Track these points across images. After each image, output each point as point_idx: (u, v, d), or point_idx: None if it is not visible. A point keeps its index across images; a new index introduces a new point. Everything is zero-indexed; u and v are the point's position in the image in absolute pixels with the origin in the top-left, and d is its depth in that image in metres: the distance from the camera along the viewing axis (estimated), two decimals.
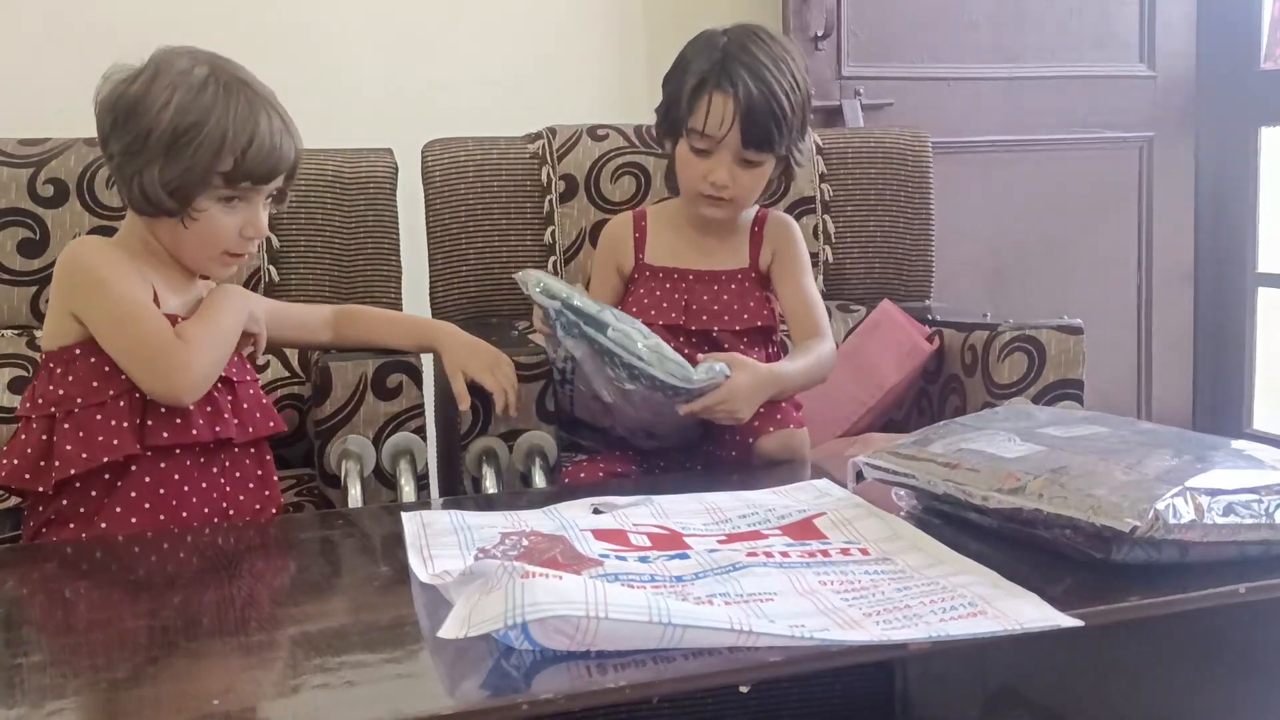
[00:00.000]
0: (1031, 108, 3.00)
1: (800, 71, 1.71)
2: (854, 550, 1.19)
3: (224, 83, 1.46)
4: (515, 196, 2.16)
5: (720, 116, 1.66)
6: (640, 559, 1.15)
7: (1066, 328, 1.89)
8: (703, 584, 1.08)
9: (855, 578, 1.11)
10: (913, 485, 1.29)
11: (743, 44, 1.69)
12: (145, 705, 0.93)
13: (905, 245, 2.29)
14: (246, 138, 1.44)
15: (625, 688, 0.90)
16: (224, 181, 1.45)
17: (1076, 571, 1.11)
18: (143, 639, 1.06)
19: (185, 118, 1.42)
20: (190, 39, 2.46)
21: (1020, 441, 1.27)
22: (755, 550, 1.17)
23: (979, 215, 2.97)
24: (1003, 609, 1.01)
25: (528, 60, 2.72)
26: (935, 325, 2.09)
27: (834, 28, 2.78)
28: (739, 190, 1.71)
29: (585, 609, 0.90)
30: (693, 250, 1.80)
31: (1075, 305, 2.79)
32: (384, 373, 1.68)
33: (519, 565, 0.95)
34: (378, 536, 1.38)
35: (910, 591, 1.07)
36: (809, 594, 1.06)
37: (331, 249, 2.07)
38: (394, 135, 2.20)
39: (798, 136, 1.72)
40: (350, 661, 0.97)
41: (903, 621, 0.99)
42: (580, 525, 1.26)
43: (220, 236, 1.48)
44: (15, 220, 1.94)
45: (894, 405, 2.01)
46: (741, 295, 1.78)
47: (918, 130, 2.35)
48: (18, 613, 1.19)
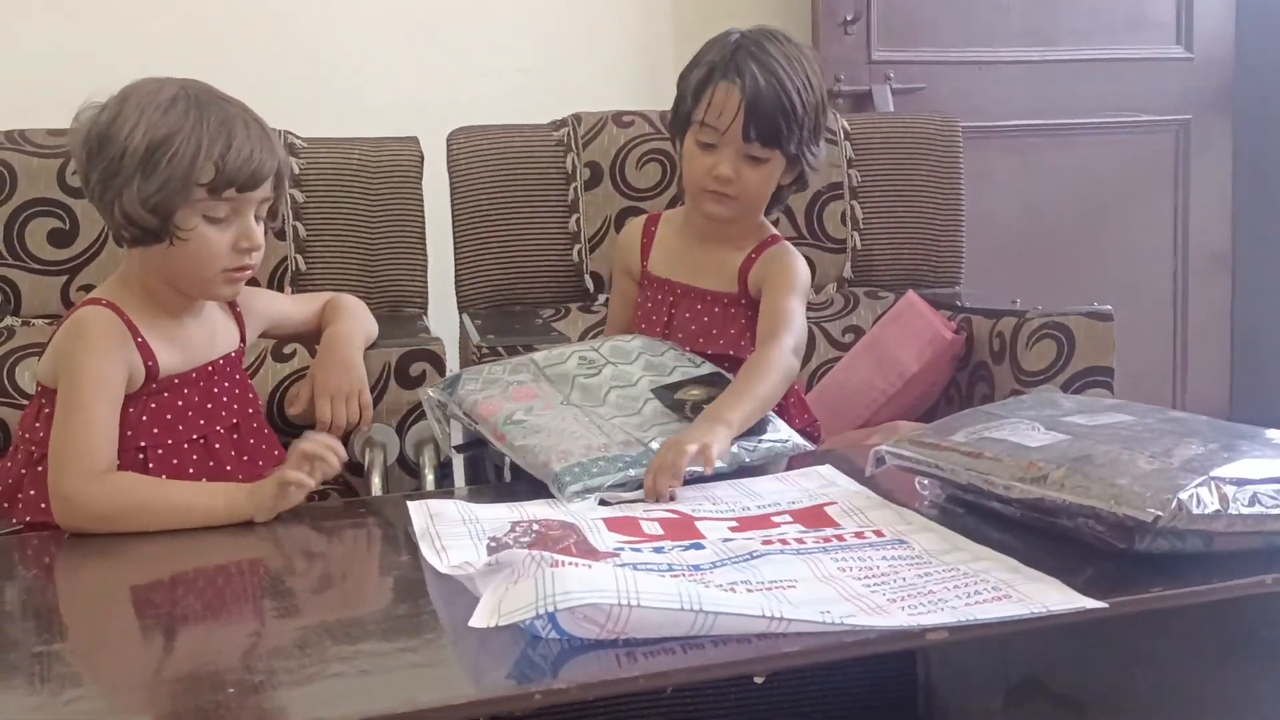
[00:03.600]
0: (1065, 91, 2.96)
1: (816, 75, 1.68)
2: (868, 534, 1.18)
3: (193, 96, 1.43)
4: (540, 184, 2.15)
5: (724, 106, 1.63)
6: (655, 549, 1.14)
7: (1096, 314, 1.86)
8: (722, 572, 1.07)
9: (873, 564, 1.10)
10: (935, 474, 1.28)
11: (757, 41, 1.67)
12: (159, 692, 0.93)
13: (934, 231, 2.27)
14: (223, 144, 1.40)
15: (639, 677, 0.89)
16: (207, 193, 1.40)
17: (1099, 561, 1.10)
18: (159, 626, 1.07)
19: (157, 132, 1.39)
20: (214, 31, 2.50)
21: (1044, 430, 1.25)
22: (770, 538, 1.16)
23: (1011, 200, 2.94)
24: (1027, 593, 1.01)
25: (555, 48, 2.71)
26: (962, 312, 2.08)
27: (863, 12, 2.75)
28: (743, 187, 1.66)
29: (617, 597, 0.90)
30: (687, 264, 1.76)
31: (1109, 291, 2.75)
32: (407, 361, 1.69)
33: (548, 555, 0.95)
34: (401, 526, 1.38)
35: (932, 577, 1.06)
36: (829, 580, 1.06)
37: (357, 238, 2.07)
38: (420, 124, 2.20)
39: (810, 139, 1.67)
40: (366, 650, 0.98)
41: (929, 607, 0.99)
42: (590, 515, 1.24)
43: (214, 254, 1.43)
44: (45, 210, 1.95)
45: (917, 395, 1.99)
46: (723, 320, 1.73)
47: (947, 115, 2.32)
48: (36, 599, 1.21)
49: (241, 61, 2.49)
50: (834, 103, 2.67)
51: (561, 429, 1.44)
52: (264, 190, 1.45)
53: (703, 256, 1.75)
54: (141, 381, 1.45)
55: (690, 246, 1.77)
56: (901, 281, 2.24)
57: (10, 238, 1.95)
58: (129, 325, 1.44)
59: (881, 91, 2.77)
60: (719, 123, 1.63)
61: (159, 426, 1.46)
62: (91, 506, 1.34)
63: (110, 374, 1.41)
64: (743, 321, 1.72)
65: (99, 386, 1.40)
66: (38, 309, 1.96)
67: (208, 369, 1.53)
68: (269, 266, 2.02)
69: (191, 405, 1.50)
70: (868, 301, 2.22)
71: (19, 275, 1.95)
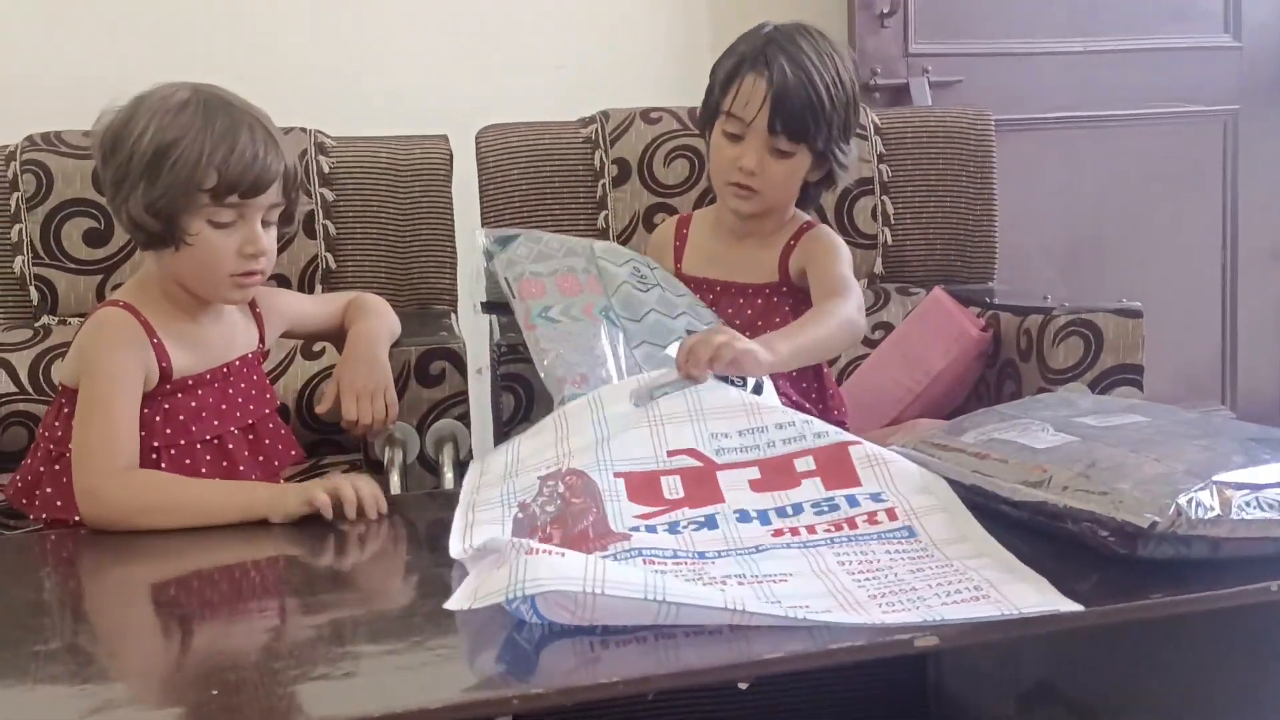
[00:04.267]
0: (1108, 82, 2.91)
1: (848, 73, 1.67)
2: (880, 513, 1.17)
3: (203, 101, 1.43)
4: (569, 181, 2.16)
5: (750, 97, 1.63)
6: (669, 528, 1.16)
7: (1125, 311, 1.83)
8: (724, 563, 1.09)
9: (875, 558, 1.10)
10: (942, 475, 1.26)
11: (789, 34, 1.67)
12: (161, 688, 0.95)
13: (966, 227, 2.24)
14: (226, 149, 1.40)
15: (619, 683, 0.90)
16: (211, 199, 1.41)
17: (1105, 567, 1.08)
18: (161, 623, 1.09)
19: (164, 136, 1.40)
20: (247, 31, 2.52)
21: (1053, 432, 1.24)
22: (781, 528, 1.16)
23: (1053, 195, 2.89)
24: (1006, 594, 1.00)
25: (585, 45, 2.71)
26: (990, 309, 2.05)
27: (900, 4, 2.72)
28: (766, 181, 1.66)
29: (582, 585, 0.93)
30: (724, 261, 1.77)
31: (1155, 287, 2.72)
32: (427, 360, 1.70)
33: (526, 543, 0.99)
34: (421, 524, 1.39)
35: (923, 573, 1.06)
36: (824, 575, 1.06)
37: (387, 235, 2.09)
38: (449, 121, 2.21)
39: (839, 136, 1.66)
40: (353, 652, 0.99)
41: (905, 604, 0.99)
42: (616, 464, 1.24)
43: (219, 259, 1.44)
44: (80, 210, 1.99)
45: (944, 393, 1.97)
46: (765, 310, 1.73)
47: (980, 108, 2.29)
48: (55, 594, 1.23)
49: (272, 60, 2.52)
50: (870, 97, 2.65)
51: (589, 347, 1.48)
52: (270, 196, 1.45)
53: (739, 251, 1.75)
54: (156, 382, 1.47)
55: (726, 243, 1.77)
56: (933, 277, 2.21)
57: (47, 238, 1.99)
58: (145, 326, 1.46)
59: (919, 85, 2.74)
60: (745, 113, 1.63)
61: (172, 427, 1.47)
62: (115, 501, 1.36)
63: (128, 372, 1.43)
64: (786, 309, 1.72)
65: (118, 384, 1.42)
66: (74, 308, 2.01)
67: (223, 370, 1.54)
68: (299, 265, 2.05)
69: (206, 406, 1.50)
70: (898, 298, 2.20)
71: (55, 274, 2.00)
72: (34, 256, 1.99)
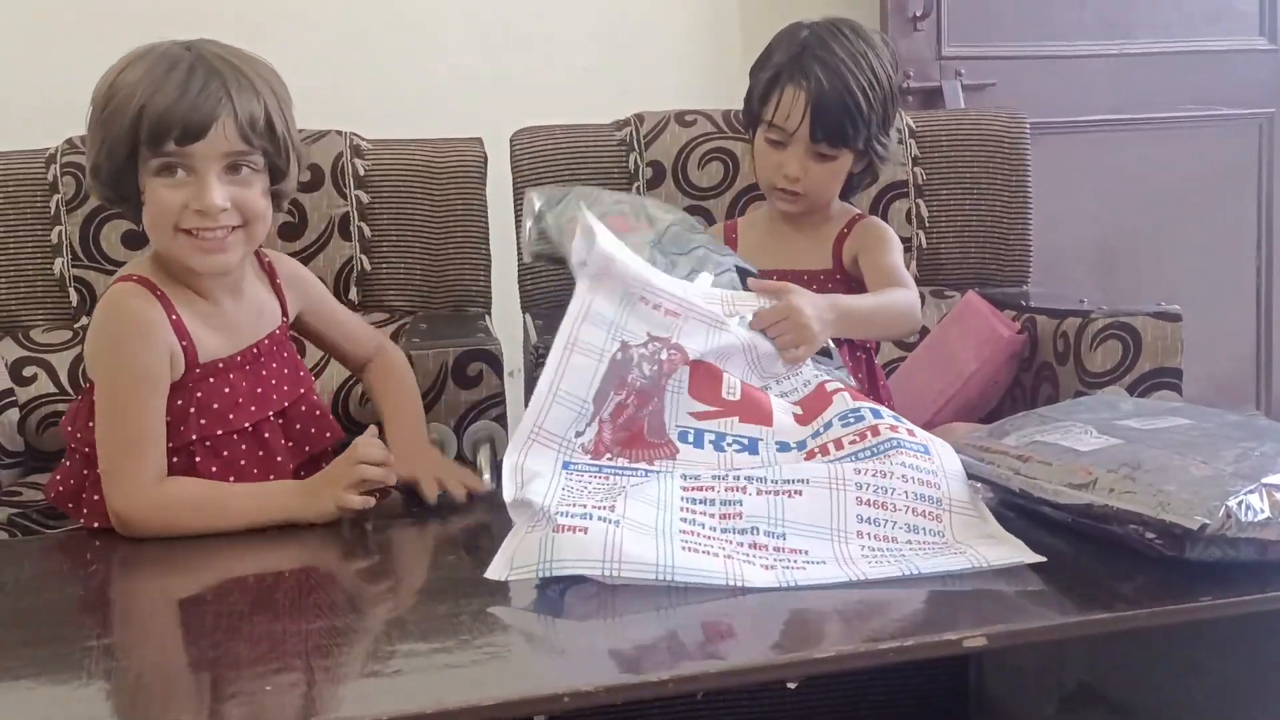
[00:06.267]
0: (1142, 85, 2.89)
1: (884, 67, 1.72)
2: (902, 430, 1.25)
3: (163, 51, 1.33)
4: (603, 183, 2.15)
5: (789, 109, 1.68)
6: (715, 441, 1.27)
7: (1163, 314, 1.82)
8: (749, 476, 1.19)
9: (890, 485, 1.17)
10: (985, 478, 1.26)
11: (823, 39, 1.71)
12: (214, 685, 0.95)
13: (1001, 230, 2.23)
14: (154, 90, 1.29)
15: (668, 681, 0.90)
16: (149, 149, 1.30)
17: (1151, 569, 1.08)
18: (211, 622, 1.09)
19: (108, 85, 1.32)
20: (282, 34, 2.54)
21: (1096, 434, 1.23)
22: (814, 449, 1.26)
23: (1087, 198, 2.88)
24: (980, 549, 1.11)
25: (620, 48, 2.71)
26: (1026, 311, 2.04)
27: (933, 7, 2.71)
28: (811, 184, 1.72)
29: (601, 569, 1.06)
30: (778, 250, 1.81)
31: (1189, 290, 2.69)
32: (464, 361, 1.71)
33: (555, 518, 1.10)
34: (456, 526, 1.39)
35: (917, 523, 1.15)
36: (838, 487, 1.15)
37: (421, 238, 2.10)
38: (484, 124, 2.22)
39: (878, 131, 1.72)
40: (402, 651, 0.99)
41: (889, 559, 1.11)
42: (693, 349, 1.34)
43: (163, 211, 1.32)
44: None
45: (978, 395, 1.96)
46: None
47: (1014, 111, 2.28)
48: (92, 595, 1.24)
49: (308, 64, 2.50)
50: (903, 100, 2.64)
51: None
52: (218, 142, 1.31)
53: (792, 240, 1.81)
54: (183, 368, 1.37)
55: (778, 233, 1.82)
56: (967, 281, 2.21)
57: (86, 240, 2.00)
58: (163, 301, 1.36)
59: (952, 88, 2.74)
60: (787, 124, 1.70)
61: (207, 418, 1.39)
62: (147, 523, 1.32)
63: (150, 368, 1.34)
64: (841, 294, 1.75)
65: (137, 383, 1.34)
66: None
67: (253, 351, 1.45)
68: (335, 267, 2.06)
69: (241, 392, 1.42)
70: (933, 301, 2.19)
71: (94, 276, 2.01)
72: (73, 258, 2.01)
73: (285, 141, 1.38)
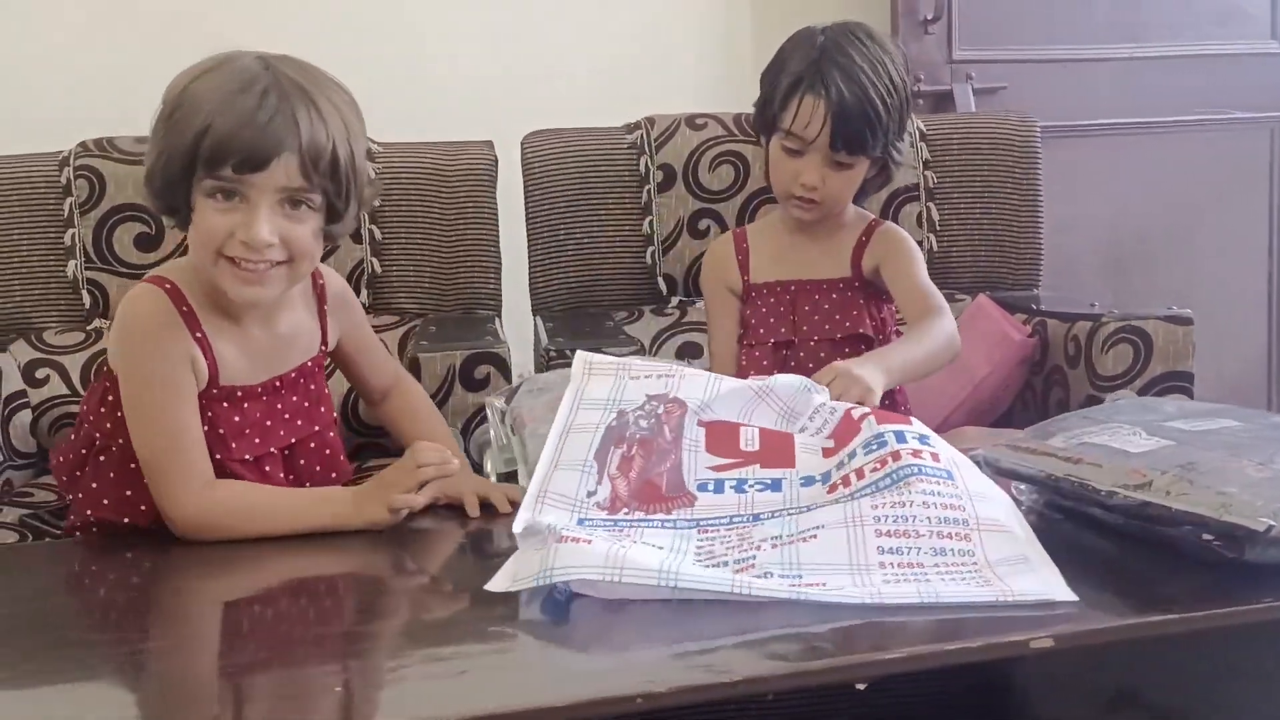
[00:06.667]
0: (1152, 89, 2.89)
1: (899, 72, 1.69)
2: (925, 454, 1.18)
3: (245, 66, 1.29)
4: (614, 187, 2.16)
5: (809, 118, 1.65)
6: (736, 485, 1.23)
7: (1175, 318, 1.82)
8: (771, 524, 1.15)
9: (909, 512, 1.11)
10: (1033, 478, 1.25)
11: (839, 44, 1.68)
12: (281, 685, 0.95)
13: (1012, 233, 2.23)
14: (222, 112, 1.25)
15: (740, 682, 0.90)
16: (205, 169, 1.26)
17: (1205, 571, 1.06)
18: (272, 626, 1.09)
19: (179, 93, 1.28)
20: (293, 36, 2.52)
21: (1145, 436, 1.22)
22: (836, 481, 1.20)
23: (1097, 201, 2.87)
24: (1007, 579, 1.04)
25: (631, 51, 2.72)
26: (1037, 315, 2.04)
27: (944, 10, 2.71)
28: (828, 192, 1.70)
29: (602, 574, 1.03)
30: (793, 259, 1.79)
31: (1200, 293, 2.69)
32: (471, 364, 1.71)
33: (558, 529, 1.09)
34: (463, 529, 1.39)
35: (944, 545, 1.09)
36: (853, 525, 1.11)
37: (431, 241, 2.10)
38: (494, 127, 2.22)
39: (894, 137, 1.70)
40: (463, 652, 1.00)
41: (909, 577, 1.05)
42: (713, 408, 1.31)
43: (209, 235, 1.28)
44: (132, 215, 2.02)
45: (989, 399, 1.96)
46: (843, 304, 1.77)
47: (1025, 115, 2.28)
48: (135, 599, 1.24)
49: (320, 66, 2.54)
50: (914, 104, 2.64)
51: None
52: (277, 176, 1.27)
53: (808, 249, 1.79)
54: (206, 381, 1.34)
55: (792, 242, 1.80)
56: (978, 284, 2.21)
57: (99, 242, 2.01)
58: (189, 314, 1.33)
59: (963, 91, 2.74)
60: (806, 133, 1.66)
61: (210, 440, 1.34)
62: (199, 525, 1.29)
63: (176, 373, 1.31)
64: (860, 301, 1.77)
65: (167, 388, 1.31)
66: None
67: (275, 383, 1.41)
68: (345, 269, 2.06)
69: (251, 421, 1.38)
70: None
71: (107, 278, 2.02)
72: (86, 261, 2.01)
73: (348, 180, 1.32)
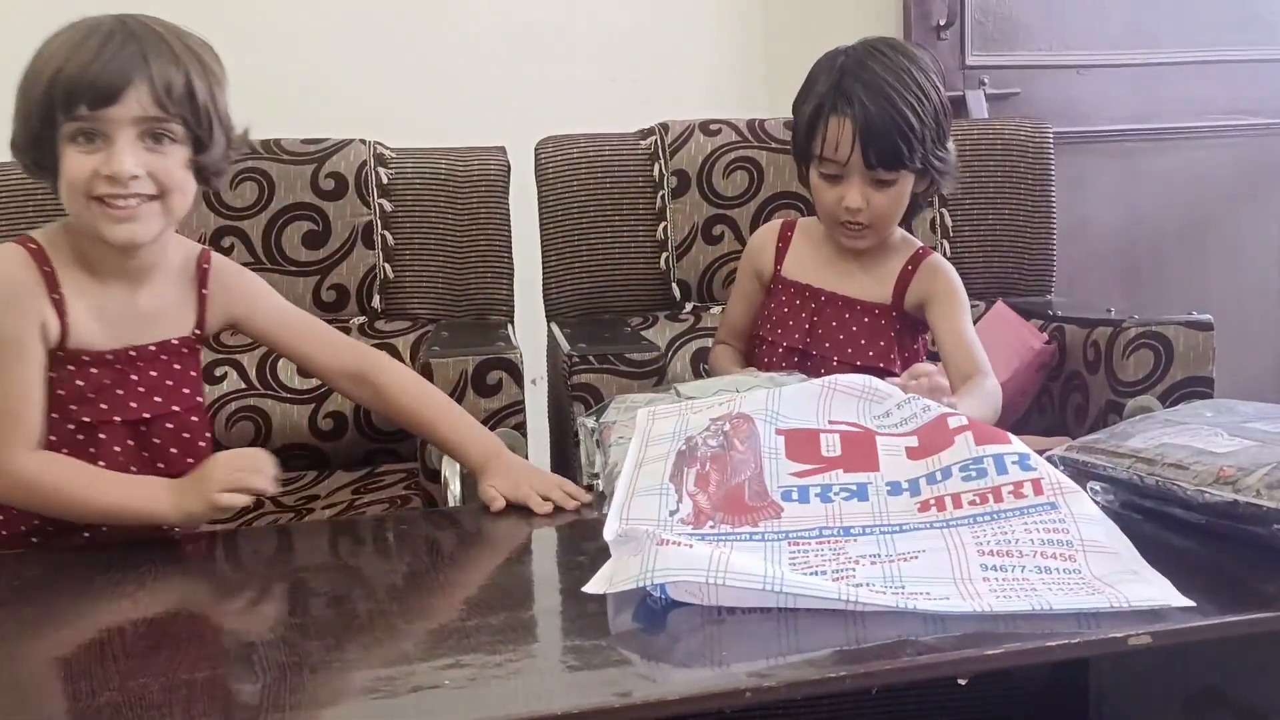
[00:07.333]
0: (1169, 94, 2.88)
1: (930, 81, 1.64)
2: (1027, 485, 1.15)
3: (91, 22, 1.30)
4: (628, 193, 2.16)
5: (838, 140, 1.61)
6: (821, 493, 1.20)
7: (1195, 323, 1.81)
8: (865, 542, 1.13)
9: (1013, 538, 1.09)
10: (1113, 478, 1.24)
11: (861, 61, 1.63)
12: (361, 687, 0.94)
13: (1025, 239, 2.22)
14: (70, 54, 1.26)
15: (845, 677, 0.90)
16: (63, 113, 1.26)
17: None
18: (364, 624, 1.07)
19: (36, 54, 1.29)
20: (309, 41, 2.55)
21: (1228, 436, 1.22)
22: (929, 500, 1.17)
23: (1112, 207, 2.87)
24: (1121, 588, 1.01)
25: (643, 56, 2.71)
26: (1055, 321, 2.03)
27: (956, 16, 2.71)
28: (875, 214, 1.65)
29: (706, 576, 1.00)
30: (830, 269, 1.74)
31: (1215, 300, 2.68)
32: (484, 369, 1.70)
33: (658, 533, 1.07)
34: (482, 532, 1.39)
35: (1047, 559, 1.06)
36: (955, 549, 1.09)
37: (444, 246, 2.10)
38: (508, 133, 2.22)
39: (934, 146, 1.63)
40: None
41: (1018, 590, 1.02)
42: (781, 420, 1.29)
43: (75, 178, 1.28)
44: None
45: (1008, 405, 1.94)
46: (872, 330, 1.71)
47: (1038, 121, 2.27)
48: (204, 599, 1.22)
49: (332, 73, 2.54)
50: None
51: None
52: (130, 107, 1.27)
53: (848, 265, 1.74)
54: (56, 341, 1.32)
55: (835, 254, 1.75)
56: (992, 290, 2.20)
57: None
58: (49, 275, 1.32)
59: (976, 97, 2.73)
60: (838, 156, 1.62)
61: (76, 402, 1.34)
62: (11, 491, 1.30)
63: (22, 335, 1.30)
64: (891, 334, 1.70)
65: (14, 351, 1.30)
66: None
67: (130, 353, 1.37)
68: (358, 275, 2.06)
69: (98, 387, 1.35)
70: None
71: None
72: None
73: (208, 112, 1.32)
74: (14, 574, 1.23)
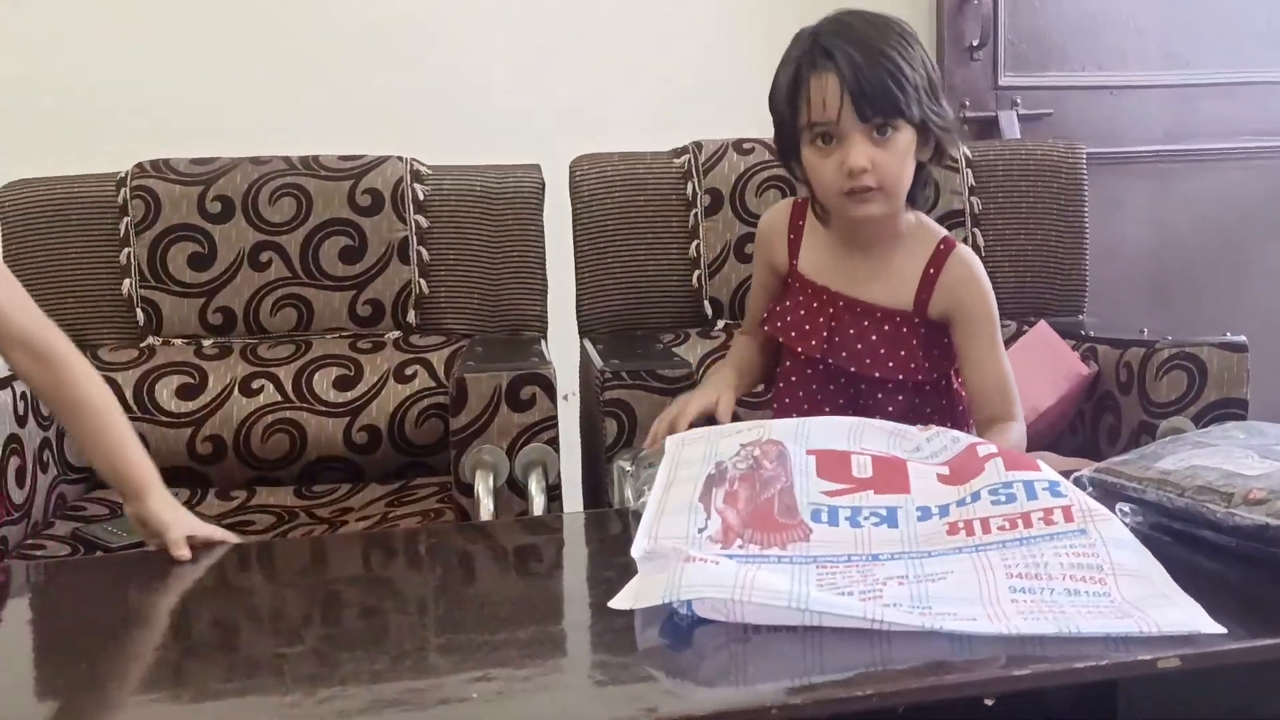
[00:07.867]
0: (1202, 115, 2.87)
1: (910, 34, 1.50)
2: (1057, 511, 1.14)
3: None
4: (661, 211, 2.17)
5: (824, 96, 1.46)
6: (851, 517, 1.19)
7: (1229, 345, 1.80)
8: (893, 565, 1.12)
9: (1042, 561, 1.09)
10: (1143, 499, 1.23)
11: (835, 20, 1.51)
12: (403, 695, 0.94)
13: (1058, 259, 2.22)
14: None
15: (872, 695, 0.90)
16: None
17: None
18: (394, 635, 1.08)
19: None
20: (346, 59, 2.58)
21: (1259, 459, 1.21)
22: (957, 522, 1.17)
23: (1144, 228, 2.86)
24: (1150, 611, 1.00)
25: (679, 74, 2.73)
26: (1089, 341, 2.02)
27: (990, 36, 2.71)
28: (881, 174, 1.48)
29: (731, 592, 1.00)
30: (844, 271, 1.59)
31: (1247, 321, 2.65)
32: (518, 385, 1.71)
33: (685, 550, 1.07)
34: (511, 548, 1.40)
35: (1078, 587, 1.05)
36: (983, 570, 1.08)
37: (479, 263, 2.12)
38: (543, 150, 2.24)
39: (930, 100, 1.48)
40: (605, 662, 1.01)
41: (1045, 611, 1.01)
42: (812, 441, 1.29)
43: None
44: (186, 235, 2.05)
45: (1048, 429, 1.94)
46: (895, 341, 1.57)
47: (1071, 141, 2.27)
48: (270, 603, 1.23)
49: (369, 90, 2.57)
50: (960, 130, 2.64)
51: None
52: None
53: (864, 263, 1.59)
54: None
55: (846, 250, 1.60)
56: (1024, 311, 2.20)
57: (154, 261, 2.05)
58: None
59: (1008, 118, 2.73)
60: (827, 115, 1.47)
61: None
62: None
63: None
64: (914, 343, 1.56)
65: None
66: (177, 329, 2.07)
67: None
68: (393, 290, 2.08)
69: None
70: None
71: (161, 297, 2.05)
72: (141, 279, 2.04)
73: None
74: (48, 584, 1.26)
